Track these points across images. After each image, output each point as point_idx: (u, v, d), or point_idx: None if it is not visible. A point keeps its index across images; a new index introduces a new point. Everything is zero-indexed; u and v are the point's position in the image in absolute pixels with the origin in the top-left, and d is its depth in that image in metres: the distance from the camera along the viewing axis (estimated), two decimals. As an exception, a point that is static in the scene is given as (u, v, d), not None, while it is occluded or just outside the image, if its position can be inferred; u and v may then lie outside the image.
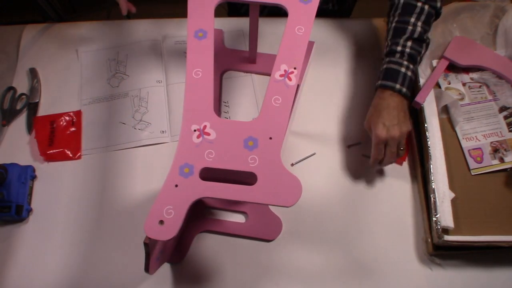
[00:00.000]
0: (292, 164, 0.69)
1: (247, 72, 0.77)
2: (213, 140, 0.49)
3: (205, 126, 0.50)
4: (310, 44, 0.74)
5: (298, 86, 0.53)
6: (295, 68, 0.53)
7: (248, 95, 0.75)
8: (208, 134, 0.50)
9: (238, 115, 0.73)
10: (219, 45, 0.79)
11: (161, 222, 0.45)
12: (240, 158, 0.48)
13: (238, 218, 0.65)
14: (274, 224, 0.64)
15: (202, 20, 0.56)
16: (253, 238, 0.63)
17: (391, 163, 0.63)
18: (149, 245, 0.47)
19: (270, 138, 0.49)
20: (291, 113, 0.69)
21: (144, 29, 0.83)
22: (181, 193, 0.47)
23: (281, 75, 0.52)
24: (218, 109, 0.73)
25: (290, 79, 0.52)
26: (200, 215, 0.64)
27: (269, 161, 0.48)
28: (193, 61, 0.54)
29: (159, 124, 0.72)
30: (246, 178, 0.48)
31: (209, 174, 0.48)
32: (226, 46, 0.80)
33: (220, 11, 1.01)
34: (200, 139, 0.49)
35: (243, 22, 0.83)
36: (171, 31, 0.82)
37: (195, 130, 0.50)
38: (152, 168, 0.68)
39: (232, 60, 0.78)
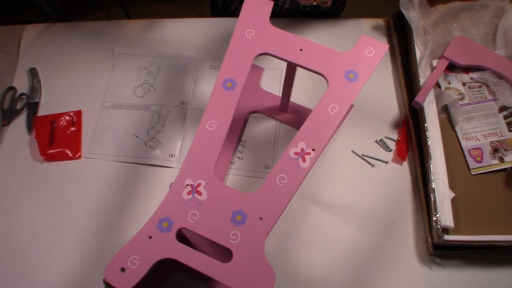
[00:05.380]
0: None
1: (275, 119, 0.72)
2: (202, 202, 0.47)
3: (199, 184, 0.48)
4: (349, 108, 0.68)
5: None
6: (313, 150, 0.48)
7: (268, 140, 0.71)
8: (200, 193, 0.47)
9: (251, 158, 0.70)
10: (254, 84, 0.75)
11: (123, 269, 0.44)
12: (222, 230, 0.45)
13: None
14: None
15: (235, 70, 0.53)
16: None
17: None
18: (109, 284, 0.45)
19: (261, 218, 0.46)
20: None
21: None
22: (152, 247, 0.45)
23: (296, 153, 0.48)
24: (233, 150, 0.69)
25: (304, 160, 0.48)
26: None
27: (251, 243, 0.45)
28: (211, 111, 0.51)
29: (170, 147, 0.70)
30: (223, 250, 0.45)
31: (187, 230, 0.46)
32: (261, 85, 0.75)
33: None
34: (190, 196, 0.47)
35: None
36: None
37: (188, 185, 0.48)
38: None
39: (263, 102, 0.73)
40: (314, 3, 0.65)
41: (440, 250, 0.61)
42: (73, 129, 0.71)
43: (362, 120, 0.73)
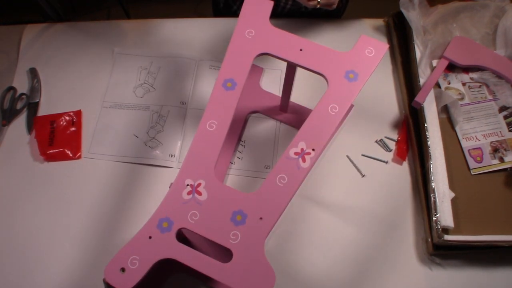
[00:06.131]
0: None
1: (275, 119, 0.72)
2: (202, 202, 0.47)
3: (199, 184, 0.48)
4: (349, 108, 0.67)
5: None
6: (313, 150, 0.49)
7: (268, 140, 0.71)
8: (200, 193, 0.47)
9: (251, 158, 0.69)
10: (254, 84, 0.75)
11: (123, 269, 0.44)
12: (222, 230, 0.45)
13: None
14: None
15: (235, 69, 0.53)
16: None
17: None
18: (109, 284, 0.45)
19: (261, 218, 0.46)
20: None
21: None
22: (152, 247, 0.45)
23: (296, 153, 0.49)
24: (233, 150, 0.69)
25: (304, 160, 0.48)
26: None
27: (251, 243, 0.45)
28: (211, 111, 0.51)
29: (170, 147, 0.70)
30: (223, 250, 0.45)
31: (187, 230, 0.46)
32: (261, 85, 0.75)
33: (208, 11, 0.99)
34: (190, 196, 0.47)
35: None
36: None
37: (188, 185, 0.48)
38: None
39: (263, 102, 0.73)
40: (318, 6, 0.65)
41: (440, 250, 0.61)
42: (73, 129, 0.71)
43: (362, 120, 0.73)
